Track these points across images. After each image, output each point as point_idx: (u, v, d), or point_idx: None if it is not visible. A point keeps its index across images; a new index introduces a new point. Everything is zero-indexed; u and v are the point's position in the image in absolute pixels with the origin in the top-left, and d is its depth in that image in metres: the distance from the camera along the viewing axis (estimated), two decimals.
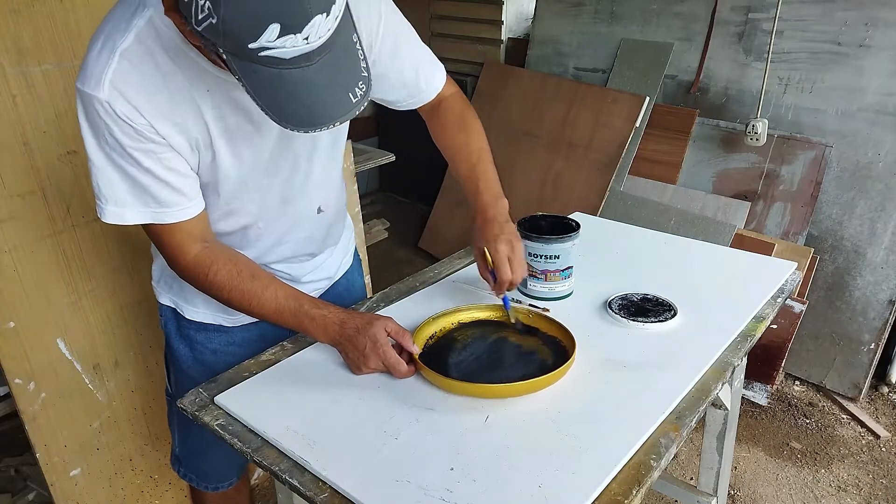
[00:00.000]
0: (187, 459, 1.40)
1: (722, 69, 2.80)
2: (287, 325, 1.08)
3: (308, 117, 0.79)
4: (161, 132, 0.93)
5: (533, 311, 1.19)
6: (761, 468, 2.25)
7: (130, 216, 0.97)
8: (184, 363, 1.27)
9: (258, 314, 1.07)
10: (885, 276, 2.44)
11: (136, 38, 0.89)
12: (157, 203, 0.97)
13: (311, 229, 1.23)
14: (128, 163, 0.93)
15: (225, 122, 0.98)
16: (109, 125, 0.90)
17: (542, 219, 1.34)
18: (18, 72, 1.45)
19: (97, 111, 0.89)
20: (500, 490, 0.82)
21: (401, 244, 3.92)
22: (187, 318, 1.23)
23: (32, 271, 1.54)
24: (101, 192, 0.96)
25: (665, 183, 2.90)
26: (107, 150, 0.93)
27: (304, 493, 0.86)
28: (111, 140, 0.92)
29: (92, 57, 0.89)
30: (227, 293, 1.04)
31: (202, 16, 0.71)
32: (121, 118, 0.89)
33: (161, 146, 0.94)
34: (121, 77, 0.88)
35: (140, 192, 0.96)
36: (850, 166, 2.50)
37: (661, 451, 0.90)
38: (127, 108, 0.89)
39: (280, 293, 1.06)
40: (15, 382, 1.55)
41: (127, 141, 0.91)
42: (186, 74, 0.92)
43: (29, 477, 2.09)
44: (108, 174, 0.95)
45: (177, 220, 0.99)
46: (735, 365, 1.11)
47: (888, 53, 2.37)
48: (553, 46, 3.37)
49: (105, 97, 0.88)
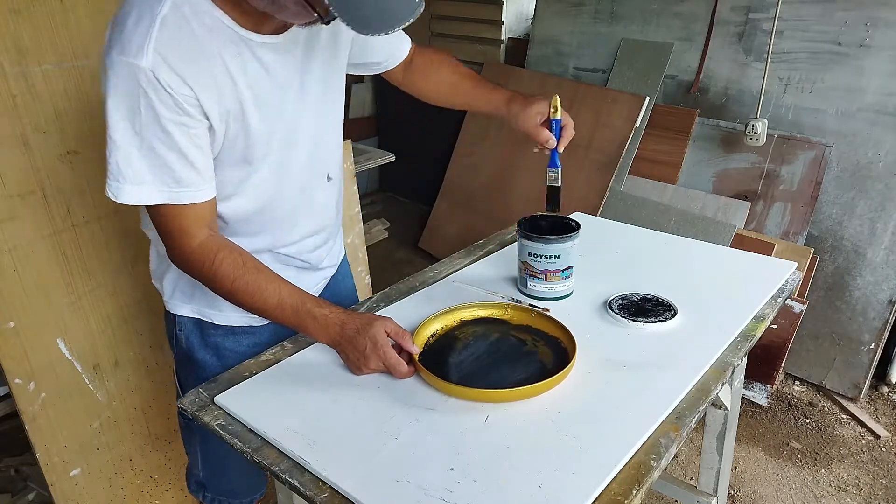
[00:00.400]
0: (212, 480, 1.35)
1: (722, 69, 2.80)
2: (286, 321, 1.07)
3: (383, 19, 0.83)
4: (201, 101, 0.94)
5: (534, 310, 1.19)
6: (761, 468, 2.25)
7: (148, 195, 0.97)
8: (210, 373, 1.20)
9: (259, 307, 1.06)
10: (885, 276, 2.44)
11: (172, 5, 0.90)
12: (176, 182, 0.97)
13: (324, 198, 1.24)
14: (156, 137, 0.94)
15: (255, 89, 1.01)
16: (149, 95, 0.91)
17: (542, 219, 1.34)
18: (18, 72, 1.44)
19: (137, 81, 0.90)
20: (500, 490, 0.82)
21: (401, 244, 3.92)
22: (216, 323, 1.21)
23: (32, 271, 1.54)
24: (120, 171, 0.96)
25: (665, 183, 2.90)
26: (135, 125, 0.93)
27: (304, 493, 0.86)
28: (146, 112, 0.92)
29: (129, 27, 0.90)
30: (232, 283, 1.03)
31: None
32: (163, 87, 0.90)
33: (194, 120, 0.95)
34: (164, 44, 0.89)
35: (160, 170, 0.96)
36: (850, 166, 2.50)
37: (661, 451, 0.90)
38: (171, 76, 0.90)
39: (284, 289, 1.06)
40: (15, 382, 1.55)
41: (164, 112, 0.92)
42: (218, 40, 0.95)
43: (29, 477, 2.09)
44: (130, 151, 0.94)
45: (192, 202, 1.00)
46: (735, 365, 1.11)
47: (888, 53, 2.37)
48: (553, 46, 3.37)
49: (149, 65, 0.89)
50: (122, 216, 1.69)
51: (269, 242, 1.18)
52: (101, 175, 1.67)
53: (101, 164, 1.64)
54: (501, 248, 1.57)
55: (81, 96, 1.56)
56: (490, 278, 1.39)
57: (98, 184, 1.63)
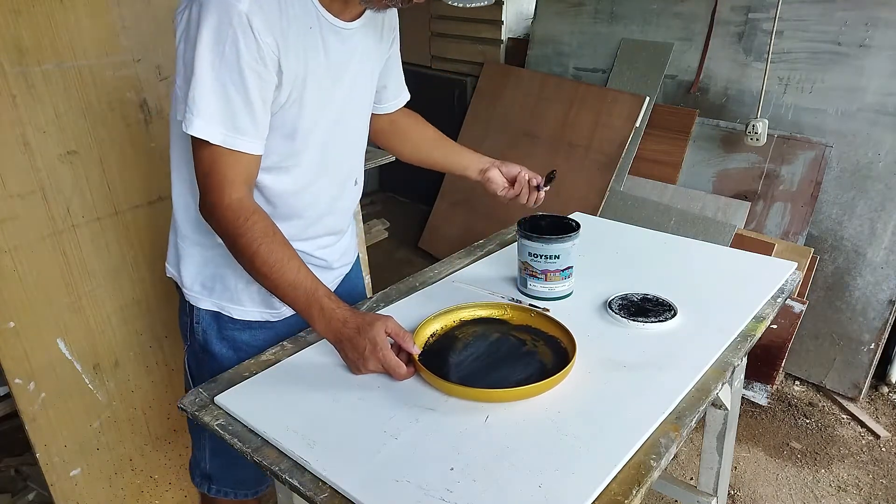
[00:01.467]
0: (220, 472, 1.35)
1: (722, 69, 2.80)
2: (295, 303, 1.06)
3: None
4: (280, 57, 1.00)
5: (534, 310, 1.19)
6: (761, 468, 2.25)
7: (207, 131, 0.99)
8: (226, 366, 1.19)
9: (274, 280, 1.04)
10: (885, 276, 2.44)
11: None
12: (235, 128, 1.00)
13: (349, 200, 1.30)
14: (231, 79, 0.98)
15: (316, 64, 1.07)
16: (238, 36, 0.95)
17: (542, 219, 1.34)
18: (18, 72, 1.45)
19: (231, 20, 0.94)
20: (500, 490, 0.82)
21: (401, 244, 3.92)
22: (234, 317, 1.22)
23: (32, 271, 1.54)
24: (195, 103, 0.98)
25: (665, 183, 2.91)
26: (217, 62, 0.96)
27: (304, 493, 0.86)
28: (230, 50, 0.96)
29: None
30: (258, 245, 1.03)
31: None
32: (253, 32, 0.96)
33: (269, 72, 1.00)
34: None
35: (227, 111, 0.99)
36: (850, 166, 2.50)
37: (661, 451, 0.90)
38: (262, 24, 0.96)
39: (303, 270, 1.06)
40: (15, 382, 1.55)
41: (246, 55, 0.97)
42: (302, 8, 1.02)
43: (29, 477, 2.09)
44: (208, 86, 0.98)
45: (243, 150, 1.02)
46: (735, 365, 1.11)
47: (888, 53, 2.37)
48: (553, 46, 3.37)
49: (245, 9, 0.94)
50: (123, 216, 1.69)
51: (292, 232, 1.16)
52: (101, 175, 1.67)
53: (101, 165, 1.65)
54: (501, 248, 1.57)
55: (81, 96, 1.56)
56: (490, 278, 1.39)
57: (98, 184, 1.63)
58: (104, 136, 1.62)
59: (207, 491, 1.38)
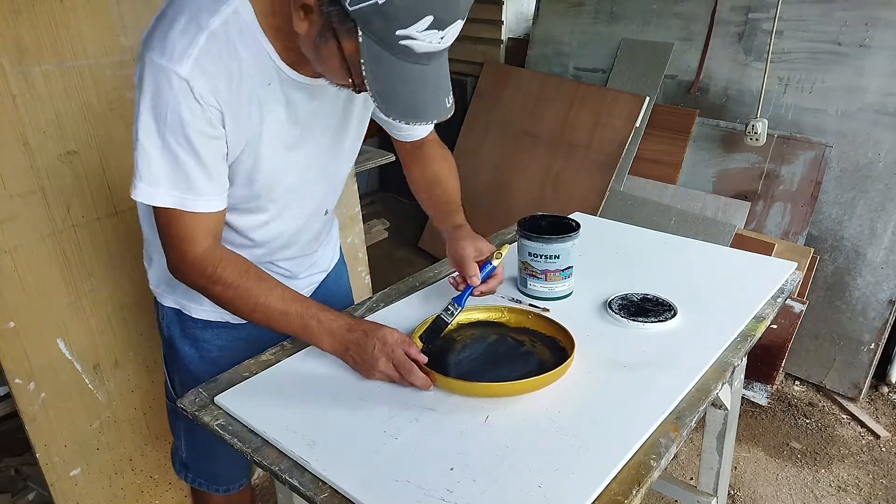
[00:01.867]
0: (195, 464, 1.39)
1: (722, 69, 2.80)
2: (291, 328, 1.06)
3: (414, 111, 0.88)
4: (225, 118, 0.95)
5: (532, 312, 1.19)
6: (761, 468, 2.25)
7: (160, 198, 0.97)
8: (189, 364, 1.26)
9: (262, 315, 1.05)
10: (885, 276, 2.44)
11: (223, 24, 0.91)
12: (190, 189, 0.97)
13: (317, 229, 1.26)
14: (178, 143, 0.94)
15: (274, 117, 1.02)
16: (178, 102, 0.91)
17: (542, 219, 1.34)
18: (18, 72, 1.44)
19: (170, 85, 0.89)
20: (500, 490, 0.82)
21: (401, 244, 3.92)
22: (193, 316, 1.23)
23: (32, 271, 1.54)
24: (139, 168, 0.96)
25: (665, 183, 2.90)
26: (160, 127, 0.92)
27: (304, 493, 0.86)
28: (171, 117, 0.92)
29: (175, 32, 0.90)
30: (234, 291, 1.03)
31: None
32: (194, 97, 0.91)
33: (218, 132, 0.96)
34: (206, 58, 0.90)
35: (177, 175, 0.96)
36: (850, 166, 2.50)
37: (661, 451, 0.90)
38: (204, 88, 0.91)
39: (287, 294, 1.05)
40: (15, 382, 1.55)
41: (190, 119, 0.92)
42: (257, 66, 0.96)
43: (29, 477, 2.09)
44: (151, 152, 0.94)
45: (201, 210, 0.99)
46: (735, 365, 1.11)
47: (888, 53, 2.37)
48: (553, 46, 3.37)
49: (186, 74, 0.89)
50: (123, 216, 1.69)
51: (258, 254, 1.18)
52: (101, 175, 1.67)
53: (101, 164, 1.65)
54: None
55: (81, 96, 1.56)
56: None
57: (98, 184, 1.63)
58: (104, 136, 1.62)
59: (185, 479, 1.41)
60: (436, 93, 0.89)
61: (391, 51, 0.82)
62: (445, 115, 0.90)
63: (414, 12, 0.78)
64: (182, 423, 1.35)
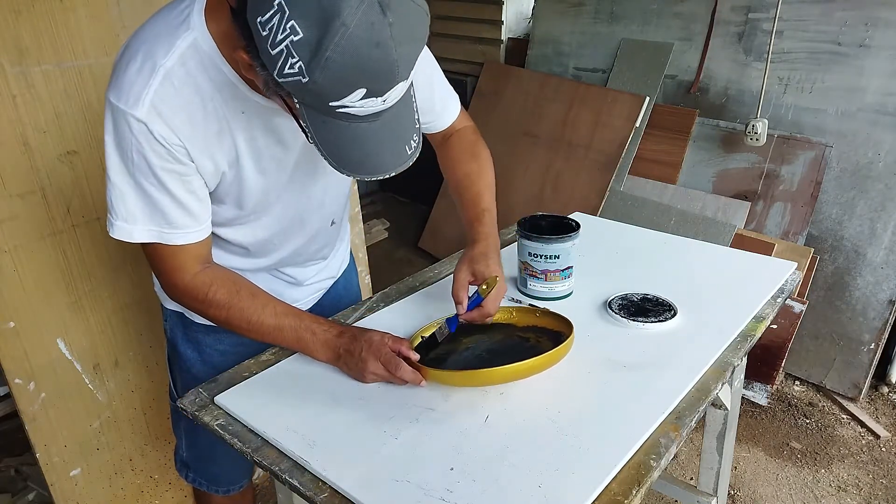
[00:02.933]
0: (196, 464, 1.39)
1: (722, 69, 2.80)
2: (285, 341, 1.07)
3: (368, 167, 0.83)
4: (192, 154, 0.93)
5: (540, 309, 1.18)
6: (761, 468, 2.25)
7: (139, 234, 0.97)
8: (192, 366, 1.26)
9: (256, 332, 1.06)
10: (885, 276, 2.44)
11: (179, 58, 0.87)
12: (168, 224, 0.97)
13: (323, 240, 1.26)
14: (149, 182, 0.93)
15: (255, 143, 0.99)
16: (141, 143, 0.89)
17: (542, 219, 1.34)
18: (18, 72, 1.44)
19: (130, 127, 0.88)
20: (500, 490, 0.82)
21: (401, 244, 3.92)
22: (196, 321, 1.23)
23: (32, 271, 1.54)
24: (113, 207, 0.95)
25: (665, 183, 2.90)
26: (129, 167, 0.92)
27: (304, 493, 0.86)
28: (137, 157, 0.90)
29: (131, 73, 0.87)
30: (227, 311, 1.03)
31: (290, 71, 0.73)
32: (155, 138, 0.89)
33: (188, 167, 0.94)
34: (162, 98, 0.87)
35: (153, 212, 0.95)
36: (850, 166, 2.50)
37: (661, 451, 0.90)
38: (164, 129, 0.89)
39: (279, 309, 1.06)
40: (15, 382, 1.55)
41: (155, 160, 0.91)
42: (223, 96, 0.92)
43: (29, 477, 2.09)
44: (124, 190, 0.94)
45: (183, 243, 0.99)
46: (735, 365, 1.11)
47: (888, 53, 2.37)
48: (553, 46, 3.37)
49: (143, 116, 0.87)
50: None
51: (252, 265, 1.19)
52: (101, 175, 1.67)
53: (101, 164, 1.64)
54: (501, 248, 1.56)
55: (81, 96, 1.56)
56: None
57: (98, 184, 1.63)
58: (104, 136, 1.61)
59: (186, 479, 1.42)
60: (392, 144, 0.84)
61: (331, 115, 0.78)
62: (405, 163, 0.85)
63: (342, 88, 0.74)
64: (183, 424, 1.35)
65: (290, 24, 0.70)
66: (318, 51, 0.70)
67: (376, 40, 0.71)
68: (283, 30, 0.70)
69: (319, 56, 0.70)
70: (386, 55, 0.72)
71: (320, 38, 0.70)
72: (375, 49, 0.71)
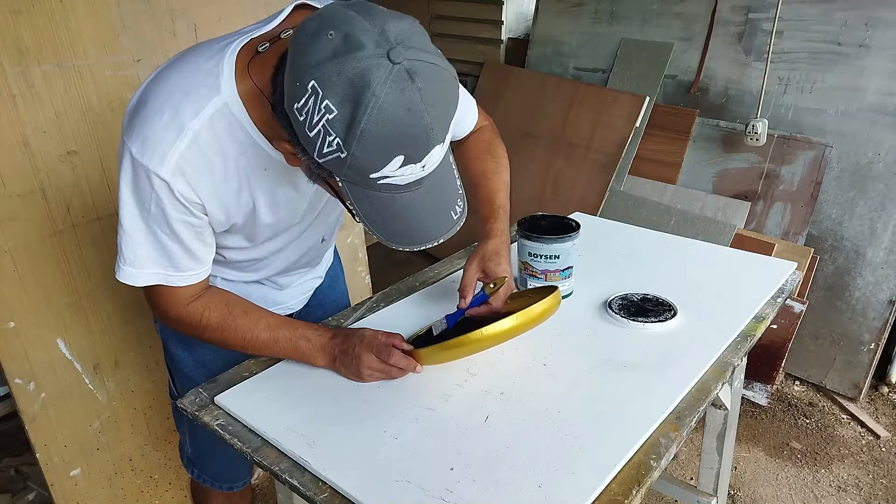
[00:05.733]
0: (200, 461, 1.41)
1: (722, 69, 2.80)
2: (282, 352, 1.07)
3: (415, 238, 0.85)
4: (208, 209, 0.94)
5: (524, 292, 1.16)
6: (761, 468, 2.25)
7: (143, 278, 0.97)
8: (184, 366, 1.28)
9: (253, 347, 1.07)
10: (885, 276, 2.44)
11: (208, 121, 0.87)
12: (174, 268, 0.98)
13: (313, 255, 1.28)
14: (162, 231, 0.94)
15: (274, 196, 1.01)
16: (161, 198, 0.90)
17: (542, 219, 1.34)
18: (18, 72, 1.44)
19: (151, 184, 0.88)
20: (500, 490, 0.82)
21: None
22: None
23: (32, 271, 1.54)
24: (123, 252, 0.96)
25: (665, 183, 2.90)
26: (144, 217, 0.92)
27: (304, 493, 0.86)
28: (155, 210, 0.91)
29: (158, 128, 0.86)
30: (222, 332, 1.05)
31: (329, 150, 0.75)
32: (176, 197, 0.90)
33: (202, 220, 0.96)
34: (188, 161, 0.88)
35: (160, 257, 0.96)
36: (850, 166, 2.50)
37: (661, 451, 0.90)
38: (186, 189, 0.90)
39: (273, 322, 1.06)
40: (15, 382, 1.55)
41: (173, 213, 0.92)
42: (247, 157, 0.93)
43: (29, 477, 2.09)
44: (136, 237, 0.94)
45: (185, 284, 1.00)
46: (735, 365, 1.11)
47: (888, 53, 2.37)
48: (553, 46, 3.36)
49: (167, 177, 0.87)
50: None
51: (248, 278, 1.22)
52: (101, 175, 1.67)
53: (101, 165, 1.65)
54: None
55: (81, 96, 1.56)
56: None
57: (98, 184, 1.63)
58: (104, 136, 1.62)
59: (192, 474, 1.43)
60: (436, 211, 0.85)
61: (373, 188, 0.79)
62: (451, 229, 0.86)
63: (380, 157, 0.75)
64: (186, 421, 1.36)
65: (325, 104, 0.72)
66: (352, 124, 0.72)
67: (407, 106, 0.72)
68: (319, 111, 0.73)
69: (355, 129, 0.72)
70: (419, 119, 0.74)
71: (354, 111, 0.72)
72: (408, 114, 0.73)
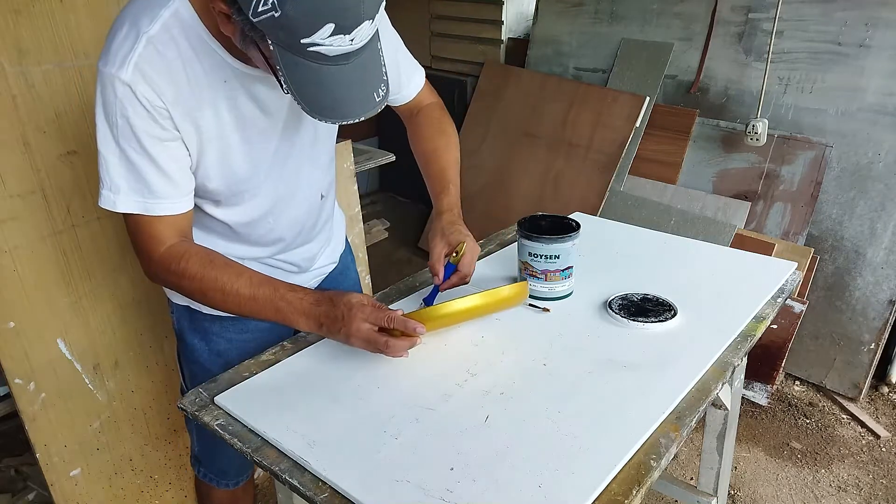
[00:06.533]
0: (206, 459, 1.42)
1: (722, 69, 2.80)
2: (261, 313, 1.03)
3: (338, 111, 0.88)
4: (175, 118, 0.96)
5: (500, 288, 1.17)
6: (761, 468, 2.25)
7: (122, 204, 0.99)
8: (199, 355, 1.29)
9: (232, 304, 1.03)
10: (885, 276, 2.44)
11: (162, 26, 0.92)
12: (151, 193, 0.99)
13: (316, 216, 1.27)
14: (132, 147, 0.96)
15: (238, 112, 1.02)
16: (125, 106, 0.93)
17: (542, 219, 1.34)
18: (18, 72, 1.44)
19: (115, 91, 0.92)
20: (500, 490, 0.82)
21: (401, 244, 3.92)
22: (201, 311, 1.25)
23: (32, 271, 1.54)
24: (101, 176, 0.99)
25: (665, 183, 2.91)
26: (114, 133, 0.95)
27: (304, 493, 0.86)
28: (121, 122, 0.94)
29: (117, 40, 0.92)
30: (200, 282, 1.02)
31: (263, 8, 0.78)
32: (139, 100, 0.92)
33: (171, 133, 0.97)
34: (146, 60, 0.91)
35: (136, 180, 0.98)
36: (850, 166, 2.50)
37: (661, 451, 0.90)
38: (147, 90, 0.92)
39: (255, 279, 1.03)
40: (15, 382, 1.55)
41: (139, 123, 0.94)
42: (205, 65, 0.96)
43: (29, 477, 2.09)
44: (108, 158, 0.97)
45: (165, 213, 1.01)
46: (735, 365, 1.11)
47: (888, 53, 2.37)
48: (553, 46, 3.37)
49: (128, 79, 0.91)
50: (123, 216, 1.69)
51: (253, 253, 1.20)
52: None
53: None
54: (501, 248, 1.57)
55: (81, 96, 1.56)
56: (490, 278, 1.39)
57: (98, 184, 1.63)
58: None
59: (197, 472, 1.44)
60: (361, 89, 0.89)
61: (303, 56, 0.82)
62: (373, 109, 0.91)
63: (312, 22, 0.79)
64: None
65: None
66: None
67: None
68: None
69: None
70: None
71: None
72: None
